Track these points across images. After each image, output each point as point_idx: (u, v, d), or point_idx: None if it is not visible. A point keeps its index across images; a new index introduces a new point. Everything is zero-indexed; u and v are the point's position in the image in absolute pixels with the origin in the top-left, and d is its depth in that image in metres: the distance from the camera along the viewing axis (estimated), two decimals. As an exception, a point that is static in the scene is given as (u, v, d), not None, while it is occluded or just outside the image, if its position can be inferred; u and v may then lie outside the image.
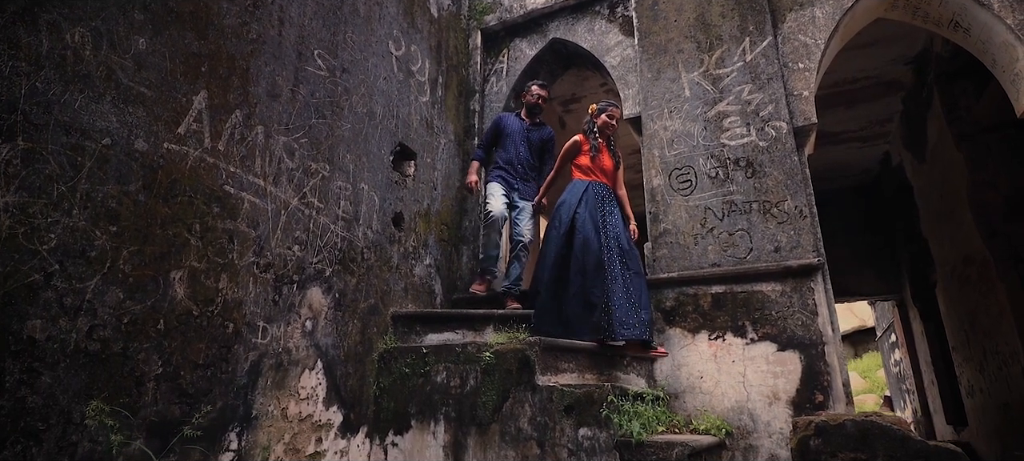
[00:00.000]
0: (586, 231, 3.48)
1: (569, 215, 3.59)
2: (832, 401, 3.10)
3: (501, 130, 4.40)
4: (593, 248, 3.42)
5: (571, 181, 3.82)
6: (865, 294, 9.63)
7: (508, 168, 4.29)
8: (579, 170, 3.85)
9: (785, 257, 3.43)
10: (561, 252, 3.53)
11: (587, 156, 3.83)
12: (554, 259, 3.53)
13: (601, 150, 3.84)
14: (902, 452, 1.91)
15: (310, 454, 2.93)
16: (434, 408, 3.17)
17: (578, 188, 3.70)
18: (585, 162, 3.84)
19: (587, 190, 3.67)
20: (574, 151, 3.90)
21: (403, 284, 3.83)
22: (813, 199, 3.59)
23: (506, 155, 4.32)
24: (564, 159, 3.98)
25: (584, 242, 3.45)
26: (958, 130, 5.71)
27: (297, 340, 2.93)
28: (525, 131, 4.40)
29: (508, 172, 4.29)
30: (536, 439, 2.85)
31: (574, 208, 3.60)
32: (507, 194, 4.24)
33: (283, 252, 2.91)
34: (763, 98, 3.77)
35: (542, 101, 4.45)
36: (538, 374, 2.97)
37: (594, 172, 3.79)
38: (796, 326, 3.27)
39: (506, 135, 4.36)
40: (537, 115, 4.47)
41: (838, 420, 2.03)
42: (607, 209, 3.63)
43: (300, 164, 3.09)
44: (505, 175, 4.28)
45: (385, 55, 3.97)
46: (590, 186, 3.69)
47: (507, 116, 4.47)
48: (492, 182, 4.28)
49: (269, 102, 2.95)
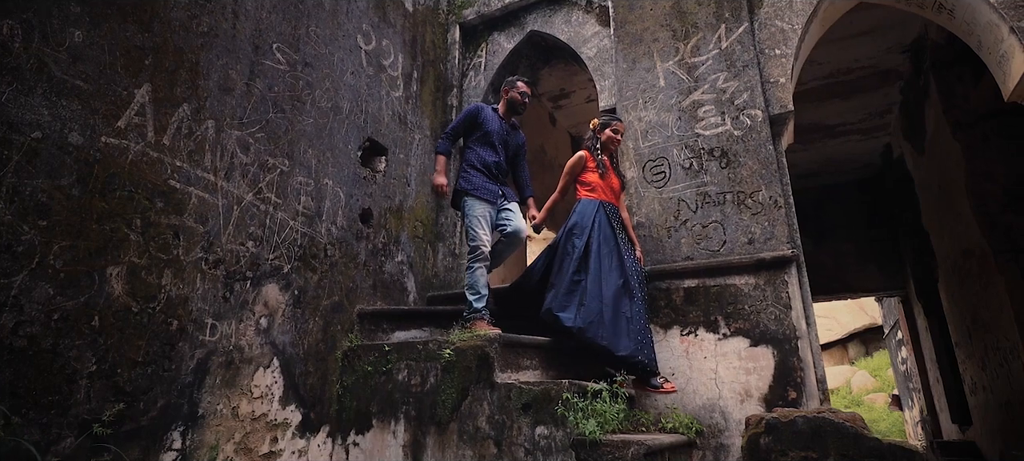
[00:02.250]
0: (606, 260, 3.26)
1: (583, 240, 3.31)
2: (805, 398, 2.98)
3: (479, 123, 3.68)
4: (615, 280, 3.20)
5: (578, 200, 3.52)
6: (869, 290, 9.42)
7: (486, 172, 3.59)
8: (585, 188, 3.54)
9: (759, 249, 3.31)
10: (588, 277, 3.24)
11: (594, 173, 3.54)
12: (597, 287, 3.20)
13: (607, 168, 3.57)
14: (855, 451, 1.80)
15: (264, 454, 2.87)
16: (395, 407, 3.10)
17: (588, 209, 3.42)
18: (593, 179, 3.53)
19: (598, 213, 3.41)
20: (579, 168, 3.60)
21: (371, 281, 3.77)
22: (789, 189, 3.47)
23: (484, 157, 3.61)
24: (569, 177, 3.62)
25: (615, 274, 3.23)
26: (955, 118, 5.54)
27: (250, 337, 2.87)
28: (504, 132, 3.75)
29: (488, 178, 3.58)
30: (493, 438, 2.77)
31: (588, 231, 3.33)
32: (492, 212, 3.56)
33: (235, 248, 2.85)
34: (738, 86, 3.65)
35: (528, 101, 3.83)
36: (497, 371, 2.89)
37: (603, 191, 3.50)
38: (769, 320, 3.16)
39: (485, 131, 3.66)
40: (518, 115, 3.86)
41: (789, 417, 1.93)
42: (618, 235, 3.39)
43: (256, 159, 3.04)
44: (488, 182, 3.57)
45: (353, 49, 3.91)
46: (601, 208, 3.43)
47: (486, 108, 3.77)
48: (473, 199, 3.49)
49: (221, 96, 2.90)
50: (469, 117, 3.73)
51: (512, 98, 3.77)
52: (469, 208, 3.50)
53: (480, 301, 3.36)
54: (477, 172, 3.58)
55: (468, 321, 3.32)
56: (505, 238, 3.58)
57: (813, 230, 9.76)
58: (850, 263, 9.34)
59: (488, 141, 3.66)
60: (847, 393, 17.00)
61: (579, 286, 3.21)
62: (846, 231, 9.49)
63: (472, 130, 3.72)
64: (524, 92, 3.79)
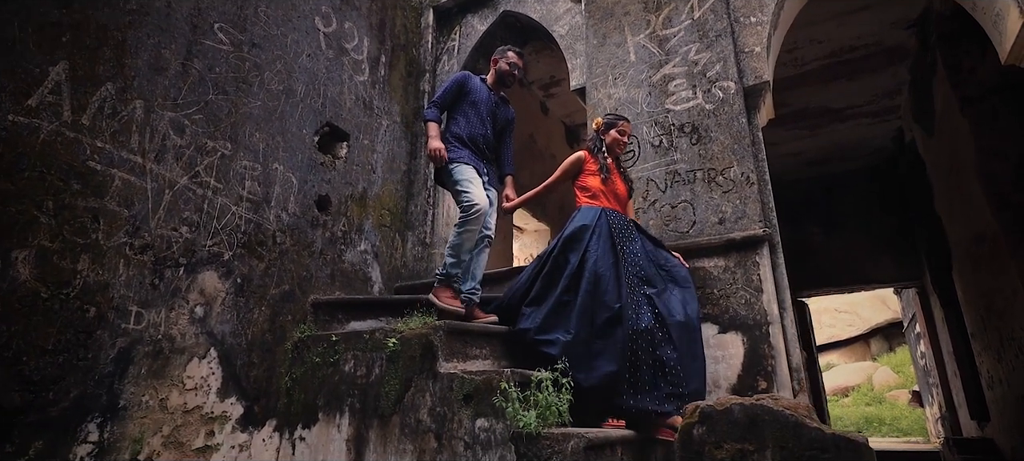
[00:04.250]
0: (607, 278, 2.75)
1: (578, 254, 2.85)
2: (776, 387, 2.75)
3: (467, 92, 3.40)
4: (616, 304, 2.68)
5: (578, 208, 3.07)
6: (882, 281, 9.02)
7: (473, 146, 3.31)
8: (586, 193, 3.09)
9: (730, 229, 3.09)
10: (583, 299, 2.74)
11: (595, 177, 3.08)
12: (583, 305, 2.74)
13: (612, 172, 3.11)
14: (794, 442, 1.59)
15: (199, 448, 2.75)
16: (341, 399, 2.95)
17: (589, 218, 2.94)
18: (594, 184, 3.07)
19: (600, 219, 2.93)
20: (576, 170, 3.16)
21: (329, 271, 3.63)
22: (765, 165, 3.23)
23: (471, 128, 3.33)
24: (563, 176, 3.21)
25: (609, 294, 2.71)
26: (962, 94, 5.20)
27: (183, 326, 2.75)
28: (493, 104, 3.44)
29: (474, 151, 3.31)
30: (434, 431, 2.60)
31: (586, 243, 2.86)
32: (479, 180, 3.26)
33: (166, 233, 2.73)
34: (711, 57, 3.43)
35: (518, 72, 3.50)
36: (441, 361, 2.71)
37: (607, 197, 3.04)
38: (739, 305, 2.93)
39: (472, 102, 3.38)
40: (507, 87, 3.54)
41: (725, 405, 1.72)
42: (627, 249, 2.85)
43: (192, 141, 2.92)
44: (473, 154, 3.29)
45: (310, 31, 3.78)
46: (603, 215, 2.95)
47: (475, 77, 3.49)
48: (460, 162, 3.21)
49: (152, 75, 2.78)
50: (457, 85, 3.42)
51: (501, 69, 3.47)
52: (457, 172, 3.17)
53: (456, 267, 3.04)
54: (463, 147, 3.27)
55: (436, 284, 3.07)
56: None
57: (823, 219, 9.40)
58: (862, 253, 8.96)
59: (476, 111, 3.37)
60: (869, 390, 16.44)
61: (567, 308, 2.77)
62: (858, 220, 9.10)
63: (459, 99, 3.42)
64: (514, 62, 3.48)
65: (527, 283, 3.00)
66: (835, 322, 19.92)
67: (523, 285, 3.02)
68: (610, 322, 2.65)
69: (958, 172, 5.67)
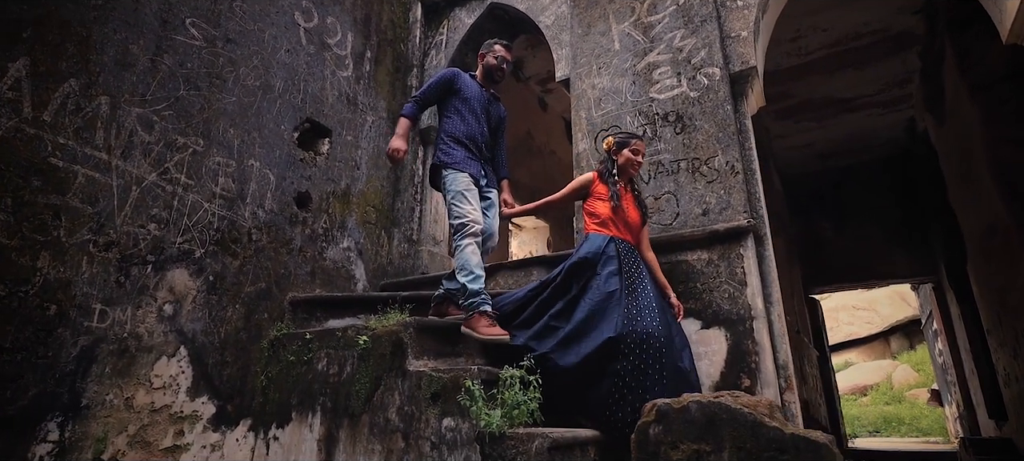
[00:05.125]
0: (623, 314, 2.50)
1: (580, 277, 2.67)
2: (760, 386, 2.62)
3: (457, 89, 3.15)
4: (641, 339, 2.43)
5: (586, 235, 2.85)
6: (896, 277, 8.76)
7: (472, 146, 3.05)
8: (594, 220, 2.86)
9: (714, 220, 2.97)
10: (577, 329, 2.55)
11: (605, 203, 2.84)
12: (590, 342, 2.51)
13: (623, 197, 2.85)
14: (752, 442, 1.49)
15: (167, 447, 2.71)
16: (313, 398, 2.90)
17: (596, 244, 2.73)
18: (603, 211, 2.83)
19: (608, 248, 2.71)
20: (584, 191, 2.96)
21: (309, 268, 3.58)
22: (752, 153, 3.11)
23: (468, 128, 3.08)
24: (570, 194, 3.03)
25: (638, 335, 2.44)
26: (972, 81, 5.00)
27: (151, 325, 2.71)
28: (486, 101, 3.22)
29: (472, 152, 3.05)
30: (402, 431, 2.53)
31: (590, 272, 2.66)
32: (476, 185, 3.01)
33: (133, 230, 2.70)
34: (696, 43, 3.31)
35: (507, 66, 3.29)
36: (411, 358, 2.64)
37: (617, 225, 2.79)
38: (722, 299, 2.81)
39: (465, 98, 3.12)
40: (496, 83, 3.31)
41: (682, 403, 1.62)
42: (637, 279, 2.64)
43: (161, 137, 2.88)
44: (470, 156, 3.03)
45: (289, 26, 3.74)
46: (612, 244, 2.73)
47: (464, 74, 3.25)
48: (456, 169, 2.94)
49: (119, 71, 2.75)
50: (444, 82, 3.16)
51: (488, 63, 3.24)
52: (450, 181, 2.92)
53: (476, 282, 2.73)
54: (459, 146, 3.01)
55: (470, 311, 2.69)
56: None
57: (833, 214, 9.16)
58: (875, 248, 8.72)
59: (470, 109, 3.11)
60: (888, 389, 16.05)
61: (554, 333, 2.60)
62: (870, 214, 8.86)
63: (449, 97, 3.16)
64: (502, 56, 3.25)
65: (522, 301, 2.81)
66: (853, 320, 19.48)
67: (517, 301, 2.82)
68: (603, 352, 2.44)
69: (968, 160, 5.46)
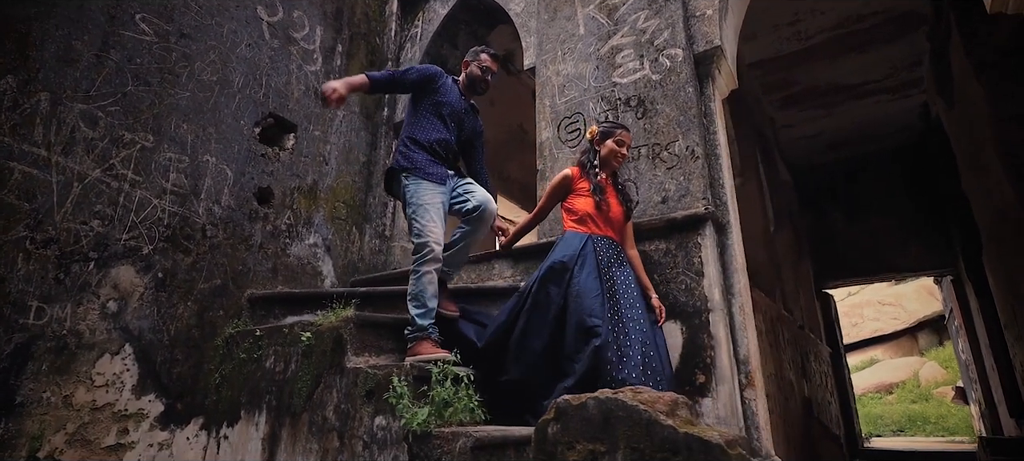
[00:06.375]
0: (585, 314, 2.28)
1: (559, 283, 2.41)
2: (715, 382, 2.47)
3: (434, 90, 2.86)
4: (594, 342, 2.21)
5: (562, 234, 2.64)
6: (912, 270, 8.40)
7: (433, 152, 2.76)
8: (572, 216, 2.65)
9: (672, 208, 2.82)
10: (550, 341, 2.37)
11: (587, 199, 2.63)
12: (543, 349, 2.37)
13: (606, 190, 2.64)
14: (646, 442, 1.36)
15: (109, 446, 2.68)
16: (260, 396, 2.84)
17: (572, 245, 2.51)
18: (582, 207, 2.62)
19: (585, 247, 2.48)
20: (564, 190, 2.74)
21: (271, 264, 3.53)
22: (717, 137, 2.95)
23: (431, 133, 2.79)
24: (551, 199, 2.81)
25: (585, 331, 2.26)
26: (977, 59, 4.71)
27: (93, 322, 2.68)
28: (462, 110, 2.92)
29: (435, 158, 2.76)
30: (338, 430, 2.45)
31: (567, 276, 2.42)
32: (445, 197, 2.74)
33: (74, 227, 2.67)
34: (659, 24, 3.16)
35: (491, 77, 2.98)
36: (350, 355, 2.56)
37: (596, 222, 2.57)
38: (679, 291, 2.66)
39: (436, 103, 2.84)
40: (479, 94, 3.02)
41: (580, 400, 1.50)
42: (619, 277, 2.44)
43: (107, 133, 2.86)
44: (435, 163, 2.74)
45: (251, 21, 3.70)
46: (589, 242, 2.50)
47: (447, 78, 2.95)
48: (416, 179, 2.66)
49: (60, 67, 2.73)
50: (425, 77, 2.88)
51: (472, 73, 2.94)
52: (411, 192, 2.63)
53: (426, 317, 2.55)
54: (421, 150, 2.74)
55: (411, 341, 2.55)
56: (468, 222, 2.75)
57: (846, 205, 8.83)
58: (890, 240, 8.37)
59: (439, 114, 2.83)
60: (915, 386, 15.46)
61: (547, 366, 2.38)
62: (884, 205, 8.51)
63: (424, 96, 2.87)
64: (486, 66, 2.94)
65: (507, 324, 2.51)
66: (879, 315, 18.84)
67: (503, 326, 2.53)
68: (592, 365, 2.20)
69: (977, 144, 5.16)
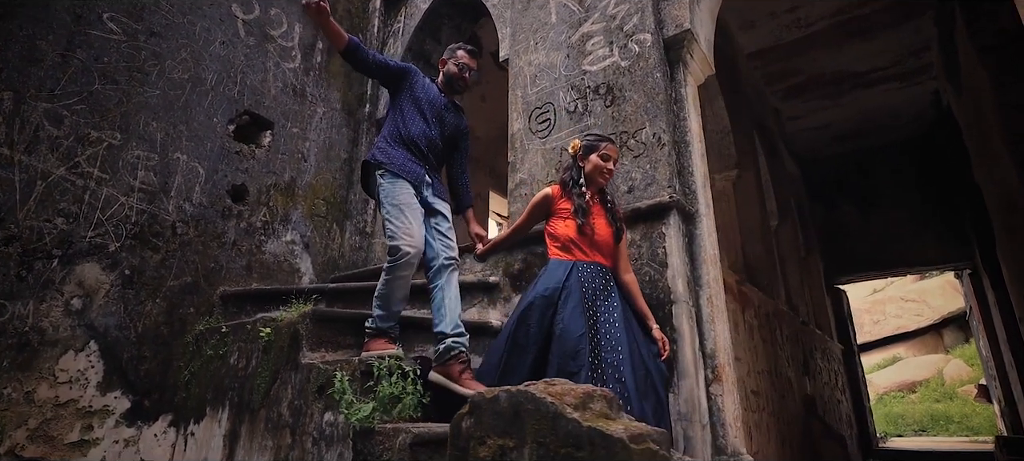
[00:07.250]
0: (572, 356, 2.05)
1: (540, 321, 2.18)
2: (678, 378, 2.38)
3: (410, 86, 2.70)
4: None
5: (547, 263, 2.39)
6: (928, 264, 8.12)
7: (417, 149, 2.59)
8: (556, 244, 2.39)
9: (638, 198, 2.73)
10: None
11: (569, 222, 2.36)
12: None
13: (591, 211, 2.38)
14: (551, 436, 1.29)
15: (73, 442, 2.69)
16: (224, 393, 2.83)
17: (556, 276, 2.26)
18: (564, 232, 2.36)
19: (569, 278, 2.24)
20: (543, 211, 2.51)
21: (245, 261, 3.53)
22: (688, 124, 2.85)
23: (416, 128, 2.61)
24: (531, 217, 2.59)
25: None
26: (981, 43, 4.51)
27: (56, 319, 2.70)
28: (441, 105, 2.73)
29: (418, 155, 2.59)
30: (290, 426, 2.42)
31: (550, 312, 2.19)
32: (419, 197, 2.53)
33: (37, 225, 2.69)
34: (629, 8, 3.06)
35: (470, 75, 2.79)
36: (305, 350, 2.52)
37: (581, 247, 2.32)
38: (643, 283, 2.57)
39: (415, 98, 2.67)
40: (459, 93, 2.84)
41: (493, 393, 1.43)
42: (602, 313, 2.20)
43: (72, 132, 2.87)
44: (415, 161, 2.57)
45: (225, 18, 3.70)
46: (574, 272, 2.26)
47: (423, 76, 2.79)
48: (393, 174, 2.50)
49: (24, 67, 2.76)
50: (401, 69, 2.75)
51: (449, 71, 2.76)
52: (386, 191, 2.47)
53: (387, 319, 2.43)
54: (399, 146, 2.56)
55: (367, 338, 2.44)
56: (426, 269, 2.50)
57: (857, 199, 8.58)
58: (904, 234, 8.10)
59: (418, 108, 2.66)
60: (939, 385, 15.00)
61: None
62: (897, 198, 8.25)
63: (400, 91, 2.72)
64: (464, 63, 2.76)
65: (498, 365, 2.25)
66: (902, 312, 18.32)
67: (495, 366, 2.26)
68: None
69: (985, 131, 4.94)
